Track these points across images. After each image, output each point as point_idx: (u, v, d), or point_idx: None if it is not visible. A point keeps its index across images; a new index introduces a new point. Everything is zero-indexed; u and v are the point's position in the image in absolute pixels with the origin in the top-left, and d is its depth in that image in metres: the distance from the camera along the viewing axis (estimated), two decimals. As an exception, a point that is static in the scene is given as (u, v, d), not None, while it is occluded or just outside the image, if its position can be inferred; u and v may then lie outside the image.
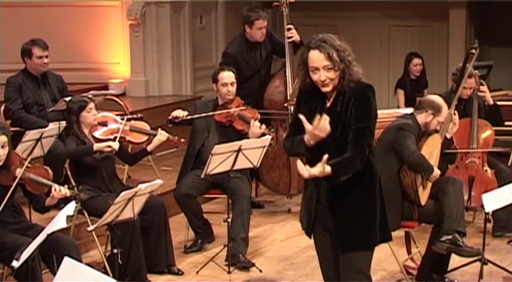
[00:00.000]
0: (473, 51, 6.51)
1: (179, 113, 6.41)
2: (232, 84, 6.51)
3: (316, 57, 4.00)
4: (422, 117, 5.61)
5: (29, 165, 5.12)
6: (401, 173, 5.48)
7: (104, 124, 6.16)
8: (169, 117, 6.41)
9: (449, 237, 5.48)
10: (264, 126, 6.40)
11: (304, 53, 4.07)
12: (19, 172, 5.05)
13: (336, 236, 4.17)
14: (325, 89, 4.03)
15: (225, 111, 6.49)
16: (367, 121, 4.03)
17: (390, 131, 5.59)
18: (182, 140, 6.34)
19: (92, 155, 5.84)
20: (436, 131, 5.71)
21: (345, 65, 3.99)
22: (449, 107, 5.83)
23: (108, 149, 5.84)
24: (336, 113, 4.04)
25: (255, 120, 6.46)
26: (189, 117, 6.43)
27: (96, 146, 5.84)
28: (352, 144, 4.00)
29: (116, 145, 5.87)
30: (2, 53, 8.97)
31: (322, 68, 3.98)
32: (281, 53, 7.65)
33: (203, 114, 6.45)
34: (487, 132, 6.82)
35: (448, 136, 6.07)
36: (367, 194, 4.12)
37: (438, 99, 5.67)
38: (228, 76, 6.51)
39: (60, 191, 5.06)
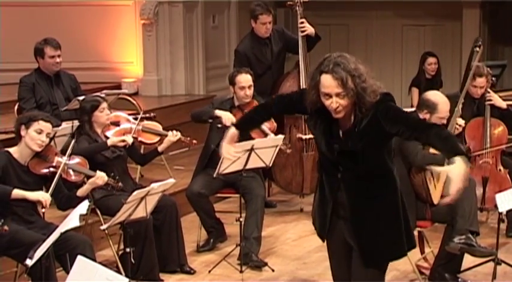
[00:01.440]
0: (477, 49, 6.45)
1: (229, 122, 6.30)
2: (249, 87, 6.49)
3: (328, 83, 3.69)
4: (421, 116, 5.58)
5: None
6: (411, 174, 5.47)
7: (116, 124, 6.18)
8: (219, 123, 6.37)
9: (463, 237, 5.45)
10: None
11: (315, 76, 3.75)
12: (58, 162, 5.17)
13: (360, 253, 3.96)
14: (337, 116, 3.76)
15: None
16: (404, 113, 3.79)
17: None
18: (194, 141, 6.35)
19: (106, 151, 5.86)
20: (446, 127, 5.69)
21: (358, 92, 3.69)
22: (455, 106, 5.81)
23: (122, 144, 5.88)
24: (353, 135, 3.80)
25: (272, 131, 6.44)
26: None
27: (111, 140, 5.87)
28: (420, 130, 3.73)
29: (129, 139, 5.91)
30: (17, 53, 8.99)
31: (335, 95, 3.69)
32: (295, 49, 7.63)
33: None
34: (500, 128, 6.77)
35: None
36: (390, 206, 3.92)
37: (432, 96, 5.57)
38: (245, 79, 6.48)
39: (102, 177, 5.27)
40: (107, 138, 6.00)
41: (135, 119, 6.37)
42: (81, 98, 6.40)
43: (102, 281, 4.07)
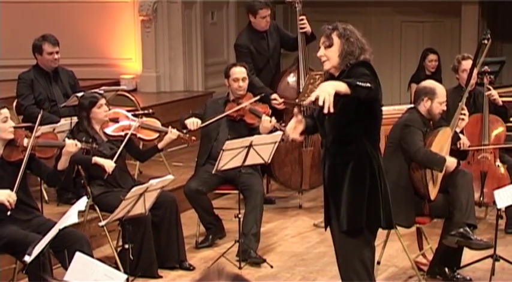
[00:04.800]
0: (486, 41, 6.36)
1: (194, 125, 6.37)
2: (243, 79, 6.52)
3: (321, 37, 4.40)
4: (422, 107, 5.58)
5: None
6: (411, 169, 5.47)
7: (115, 120, 6.17)
8: (186, 129, 6.34)
9: (460, 230, 5.46)
10: (274, 120, 6.40)
11: None
12: (28, 142, 5.10)
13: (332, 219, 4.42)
14: (324, 67, 4.36)
15: (237, 107, 6.50)
16: (364, 76, 4.12)
17: (396, 128, 5.58)
18: (193, 138, 6.35)
19: (89, 166, 5.79)
20: (447, 125, 5.70)
21: (343, 42, 4.25)
22: (457, 101, 5.81)
23: (105, 168, 5.73)
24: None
25: (266, 115, 6.46)
26: (203, 124, 6.40)
27: (95, 159, 5.77)
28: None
29: (111, 168, 5.74)
30: (16, 49, 8.98)
31: (321, 44, 4.35)
32: (289, 46, 7.67)
33: (217, 117, 6.42)
34: (499, 129, 6.78)
35: (458, 130, 6.04)
36: (356, 179, 4.27)
37: (429, 83, 5.68)
38: (239, 71, 6.51)
39: (76, 145, 5.19)
40: (105, 134, 5.99)
41: (134, 115, 6.36)
42: (79, 94, 6.39)
43: (100, 277, 4.08)
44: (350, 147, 4.28)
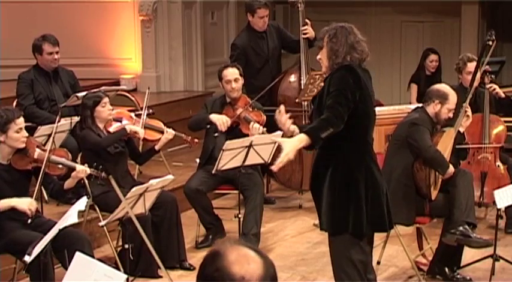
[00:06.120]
0: (490, 43, 6.34)
1: (225, 125, 6.42)
2: (236, 80, 6.47)
3: None
4: (431, 108, 5.57)
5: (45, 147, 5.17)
6: (415, 167, 5.45)
7: (118, 120, 6.18)
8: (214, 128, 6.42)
9: (459, 228, 5.46)
10: (264, 129, 6.35)
11: None
12: (39, 154, 5.08)
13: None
14: (322, 69, 4.48)
15: (232, 115, 6.45)
16: (338, 95, 4.19)
17: (403, 126, 5.57)
18: (196, 140, 6.35)
19: (126, 136, 5.97)
20: (451, 125, 5.69)
21: (329, 41, 4.32)
22: (460, 100, 5.80)
23: (136, 135, 6.03)
24: (315, 98, 4.48)
25: (260, 124, 6.42)
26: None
27: (129, 127, 5.96)
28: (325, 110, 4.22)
29: (142, 133, 6.03)
30: (16, 49, 8.98)
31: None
32: (291, 49, 7.64)
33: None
34: (499, 128, 6.79)
35: (462, 130, 6.03)
36: (335, 184, 4.31)
37: (443, 87, 5.64)
38: (231, 73, 6.47)
39: (86, 171, 5.19)
40: (110, 133, 6.00)
41: (136, 115, 6.37)
42: (79, 94, 6.40)
43: (100, 277, 4.08)
44: (333, 153, 4.32)
